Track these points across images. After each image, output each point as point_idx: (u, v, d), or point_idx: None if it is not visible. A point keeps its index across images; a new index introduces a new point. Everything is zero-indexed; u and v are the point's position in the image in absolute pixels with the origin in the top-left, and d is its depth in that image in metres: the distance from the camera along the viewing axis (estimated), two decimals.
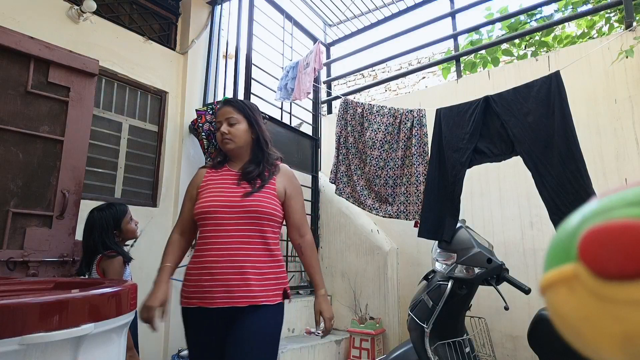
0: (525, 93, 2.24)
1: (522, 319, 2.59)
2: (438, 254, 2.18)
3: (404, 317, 3.03)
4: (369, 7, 4.10)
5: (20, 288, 1.12)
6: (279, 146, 3.35)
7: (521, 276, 2.23)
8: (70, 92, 2.27)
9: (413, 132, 2.74)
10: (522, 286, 1.92)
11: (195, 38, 3.60)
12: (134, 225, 2.06)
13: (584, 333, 0.26)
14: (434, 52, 6.50)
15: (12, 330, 0.69)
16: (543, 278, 0.29)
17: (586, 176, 1.99)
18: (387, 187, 2.76)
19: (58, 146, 2.21)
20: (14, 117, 2.06)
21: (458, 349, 1.99)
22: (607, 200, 0.27)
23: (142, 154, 3.21)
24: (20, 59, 2.11)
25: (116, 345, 0.92)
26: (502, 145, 2.30)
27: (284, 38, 3.72)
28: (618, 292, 0.24)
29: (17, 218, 2.04)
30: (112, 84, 3.07)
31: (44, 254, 2.10)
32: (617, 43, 2.57)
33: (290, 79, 3.36)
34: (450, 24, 3.62)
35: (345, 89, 6.93)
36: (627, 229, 0.24)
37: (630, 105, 2.54)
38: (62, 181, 2.19)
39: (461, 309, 2.10)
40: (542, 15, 4.47)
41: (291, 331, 3.06)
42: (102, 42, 2.96)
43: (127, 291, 0.97)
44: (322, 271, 3.65)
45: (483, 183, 3.04)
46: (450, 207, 2.35)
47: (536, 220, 2.76)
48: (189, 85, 3.51)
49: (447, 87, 3.45)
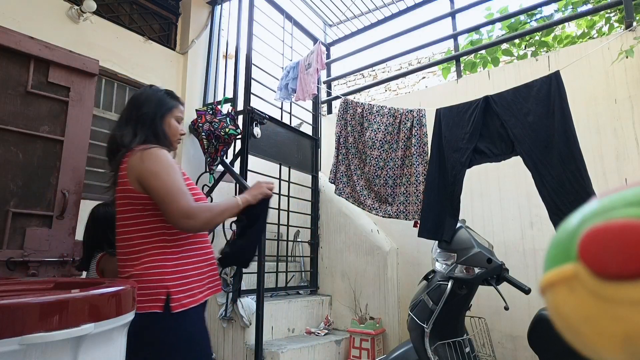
0: (525, 93, 2.24)
1: (522, 319, 2.59)
2: (438, 254, 2.18)
3: (404, 317, 3.03)
4: (369, 7, 4.10)
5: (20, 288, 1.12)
6: (279, 146, 3.37)
7: (521, 276, 2.24)
8: (70, 92, 2.27)
9: (413, 132, 2.74)
10: (522, 286, 1.92)
11: (195, 38, 3.60)
12: None
13: (584, 333, 0.26)
14: (434, 52, 6.50)
15: (12, 330, 0.69)
16: (543, 278, 0.29)
17: (586, 176, 1.99)
18: (386, 187, 2.76)
19: (58, 146, 2.21)
20: (14, 117, 2.06)
21: (458, 349, 1.99)
22: (607, 200, 0.27)
23: None
24: (20, 59, 2.11)
25: (116, 345, 0.92)
26: (502, 145, 2.30)
27: (284, 38, 3.72)
28: (618, 292, 0.24)
29: (17, 218, 2.04)
30: (112, 84, 3.08)
31: (44, 254, 2.10)
32: (617, 43, 2.57)
33: (291, 79, 3.35)
34: (450, 24, 3.62)
35: (345, 89, 6.93)
36: (627, 229, 0.24)
37: (630, 105, 2.54)
38: (62, 181, 2.19)
39: (461, 309, 2.10)
40: (542, 15, 4.47)
41: (291, 331, 3.06)
42: (102, 42, 2.96)
43: (127, 291, 0.97)
44: (322, 271, 3.64)
45: (483, 183, 3.04)
46: (450, 207, 2.35)
47: (536, 220, 2.76)
48: (189, 85, 3.51)
49: (447, 87, 3.45)
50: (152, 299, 1.19)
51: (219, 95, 3.67)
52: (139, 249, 1.25)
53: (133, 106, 1.42)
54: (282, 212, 3.31)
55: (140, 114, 1.40)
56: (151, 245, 1.26)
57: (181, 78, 3.51)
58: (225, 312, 2.79)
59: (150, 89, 1.50)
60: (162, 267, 1.24)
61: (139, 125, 1.38)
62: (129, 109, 1.43)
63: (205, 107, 3.24)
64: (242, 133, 3.05)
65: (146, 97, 1.44)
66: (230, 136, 3.06)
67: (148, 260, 1.24)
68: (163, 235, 1.28)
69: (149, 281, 1.21)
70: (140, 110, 1.40)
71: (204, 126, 3.10)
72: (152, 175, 1.25)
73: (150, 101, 1.44)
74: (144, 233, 1.27)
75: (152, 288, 1.20)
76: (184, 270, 1.28)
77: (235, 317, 2.76)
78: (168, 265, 1.25)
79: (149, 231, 1.27)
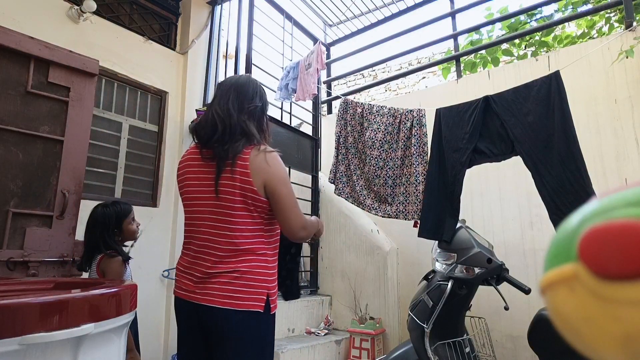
0: (525, 93, 2.24)
1: (522, 319, 2.59)
2: (438, 254, 2.18)
3: (404, 317, 3.03)
4: (369, 7, 4.10)
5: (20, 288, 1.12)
6: (279, 146, 3.37)
7: (521, 276, 2.24)
8: (70, 92, 2.27)
9: (413, 132, 2.74)
10: (522, 286, 1.92)
11: (195, 38, 3.60)
12: (135, 226, 2.05)
13: (584, 333, 0.26)
14: (434, 52, 6.49)
15: (12, 330, 0.69)
16: (543, 278, 0.29)
17: (586, 176, 1.99)
18: (386, 187, 2.76)
19: (58, 146, 2.21)
20: (14, 117, 2.06)
21: (458, 349, 1.99)
22: (607, 200, 0.27)
23: (142, 154, 3.22)
24: (20, 59, 2.11)
25: (116, 345, 0.92)
26: (502, 145, 2.30)
27: (284, 38, 3.72)
28: (618, 292, 0.24)
29: (17, 218, 2.04)
30: (112, 84, 3.08)
31: (44, 254, 2.10)
32: (617, 43, 2.57)
33: (292, 79, 3.35)
34: (450, 24, 3.62)
35: (345, 89, 6.93)
36: (627, 229, 0.24)
37: (630, 105, 2.54)
38: (62, 181, 2.19)
39: (461, 309, 2.10)
40: (542, 15, 4.47)
41: (291, 331, 3.06)
42: (102, 42, 2.96)
43: (127, 291, 0.97)
44: (322, 271, 3.63)
45: (483, 183, 3.04)
46: (450, 207, 2.35)
47: (536, 220, 2.76)
48: (189, 85, 3.51)
49: (447, 87, 3.45)
50: (256, 298, 1.21)
51: None
52: (245, 248, 1.24)
53: (244, 96, 1.33)
54: None
55: (251, 106, 1.33)
56: (255, 246, 1.26)
57: (181, 78, 3.51)
58: None
59: (254, 79, 1.42)
60: (264, 269, 1.26)
61: (251, 118, 1.32)
62: (240, 98, 1.33)
63: (205, 107, 3.24)
64: None
65: (254, 89, 1.37)
66: None
67: (253, 259, 1.24)
68: (263, 238, 1.29)
69: (253, 280, 1.22)
70: (251, 103, 1.33)
71: None
72: (281, 182, 1.25)
73: (260, 95, 1.37)
74: (251, 233, 1.26)
75: (256, 287, 1.22)
76: (275, 274, 1.31)
77: None
78: (269, 267, 1.27)
79: (255, 232, 1.27)
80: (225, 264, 1.23)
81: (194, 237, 1.30)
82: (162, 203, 3.20)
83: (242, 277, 1.21)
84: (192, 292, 1.24)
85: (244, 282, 1.20)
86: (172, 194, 3.27)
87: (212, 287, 1.21)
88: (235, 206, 1.24)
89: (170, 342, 2.99)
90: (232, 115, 1.29)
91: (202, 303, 1.20)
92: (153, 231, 3.01)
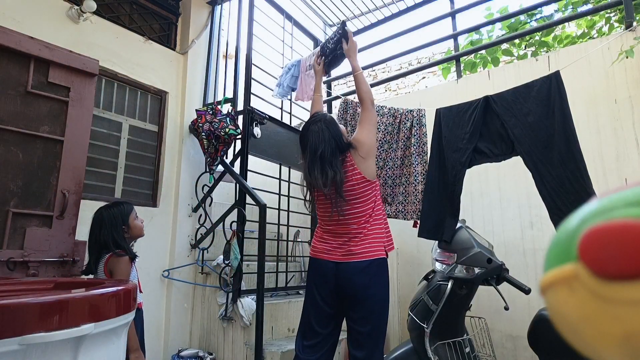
0: (525, 93, 2.24)
1: (522, 319, 2.59)
2: (438, 254, 2.18)
3: (404, 317, 3.03)
4: (369, 7, 4.10)
5: (20, 288, 1.12)
6: (279, 146, 3.37)
7: (521, 276, 2.24)
8: (70, 92, 2.27)
9: (412, 131, 2.74)
10: (522, 286, 1.92)
11: (195, 38, 3.60)
12: (140, 222, 2.07)
13: (584, 333, 0.26)
14: (434, 52, 6.50)
15: (12, 330, 0.69)
16: (543, 278, 0.29)
17: (586, 176, 1.99)
18: (386, 187, 2.76)
19: (58, 146, 2.21)
20: (14, 117, 2.06)
21: (458, 349, 1.99)
22: (607, 200, 0.27)
23: (142, 154, 3.22)
24: (20, 59, 2.11)
25: (116, 345, 0.92)
26: (502, 145, 2.30)
27: (284, 38, 3.72)
28: (618, 292, 0.24)
29: (17, 218, 2.04)
30: (112, 84, 3.08)
31: (44, 254, 2.10)
32: (617, 43, 2.57)
33: (292, 77, 3.35)
34: (450, 24, 3.62)
35: (345, 89, 6.93)
36: (627, 229, 0.24)
37: (630, 105, 2.54)
38: (62, 181, 2.19)
39: (461, 309, 2.10)
40: (542, 15, 4.47)
41: (291, 331, 3.06)
42: (102, 42, 2.96)
43: (127, 291, 0.97)
44: None
45: (483, 183, 3.04)
46: (450, 207, 2.35)
47: (536, 220, 2.76)
48: (189, 85, 3.51)
49: (447, 87, 3.45)
50: (380, 249, 1.81)
51: (219, 95, 3.66)
52: (366, 219, 1.84)
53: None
54: (282, 212, 3.31)
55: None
56: (372, 217, 1.85)
57: (181, 78, 3.51)
58: (225, 312, 2.79)
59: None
60: (381, 230, 1.87)
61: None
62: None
63: (205, 107, 3.24)
64: (242, 133, 3.05)
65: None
66: (230, 136, 3.06)
67: (373, 225, 1.84)
68: (375, 210, 1.88)
69: (376, 238, 1.82)
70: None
71: (204, 126, 3.10)
72: (370, 170, 1.91)
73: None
74: (371, 206, 1.86)
75: (378, 242, 1.82)
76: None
77: (236, 317, 2.76)
78: (381, 229, 1.88)
79: (373, 203, 1.87)
80: (354, 226, 1.89)
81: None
82: (162, 203, 3.20)
83: (369, 235, 1.88)
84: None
85: (369, 238, 1.88)
86: (172, 194, 3.27)
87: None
88: (361, 191, 1.89)
89: (170, 342, 2.99)
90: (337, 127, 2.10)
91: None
92: (153, 231, 3.01)
